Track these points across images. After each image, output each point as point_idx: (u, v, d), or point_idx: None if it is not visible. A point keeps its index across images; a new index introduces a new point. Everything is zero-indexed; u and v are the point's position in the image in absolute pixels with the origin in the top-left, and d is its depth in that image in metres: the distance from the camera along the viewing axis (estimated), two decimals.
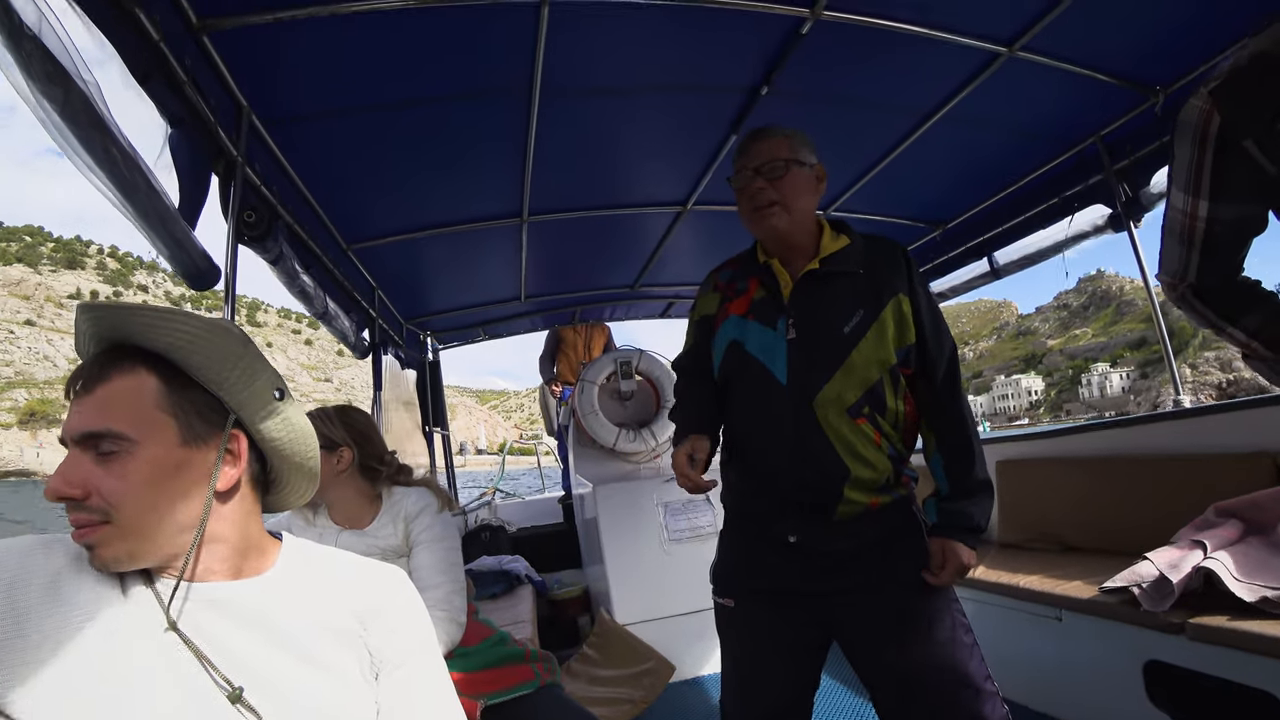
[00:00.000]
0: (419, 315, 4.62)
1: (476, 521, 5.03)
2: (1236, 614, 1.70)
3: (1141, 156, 2.89)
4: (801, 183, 1.42)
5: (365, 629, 0.85)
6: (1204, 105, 0.93)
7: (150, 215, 1.54)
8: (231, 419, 0.79)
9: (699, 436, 1.45)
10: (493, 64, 2.15)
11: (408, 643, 0.88)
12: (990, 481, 1.42)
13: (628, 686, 2.97)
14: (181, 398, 0.76)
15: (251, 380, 0.80)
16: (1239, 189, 0.95)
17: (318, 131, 2.31)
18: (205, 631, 0.74)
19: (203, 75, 1.77)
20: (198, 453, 0.76)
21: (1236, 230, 0.99)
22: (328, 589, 0.85)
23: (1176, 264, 1.05)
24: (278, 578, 0.83)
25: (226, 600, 0.77)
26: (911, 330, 1.39)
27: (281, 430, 0.84)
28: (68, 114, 1.26)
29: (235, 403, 0.79)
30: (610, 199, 3.31)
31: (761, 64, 2.31)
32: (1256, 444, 2.26)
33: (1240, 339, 1.05)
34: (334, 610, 0.84)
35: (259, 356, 0.81)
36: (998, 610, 2.52)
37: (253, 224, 2.02)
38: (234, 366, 0.78)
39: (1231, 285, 1.05)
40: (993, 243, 3.78)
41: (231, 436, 0.79)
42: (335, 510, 1.74)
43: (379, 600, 0.88)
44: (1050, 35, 2.25)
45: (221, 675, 0.72)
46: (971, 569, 1.36)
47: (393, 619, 0.87)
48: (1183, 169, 0.98)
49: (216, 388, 0.78)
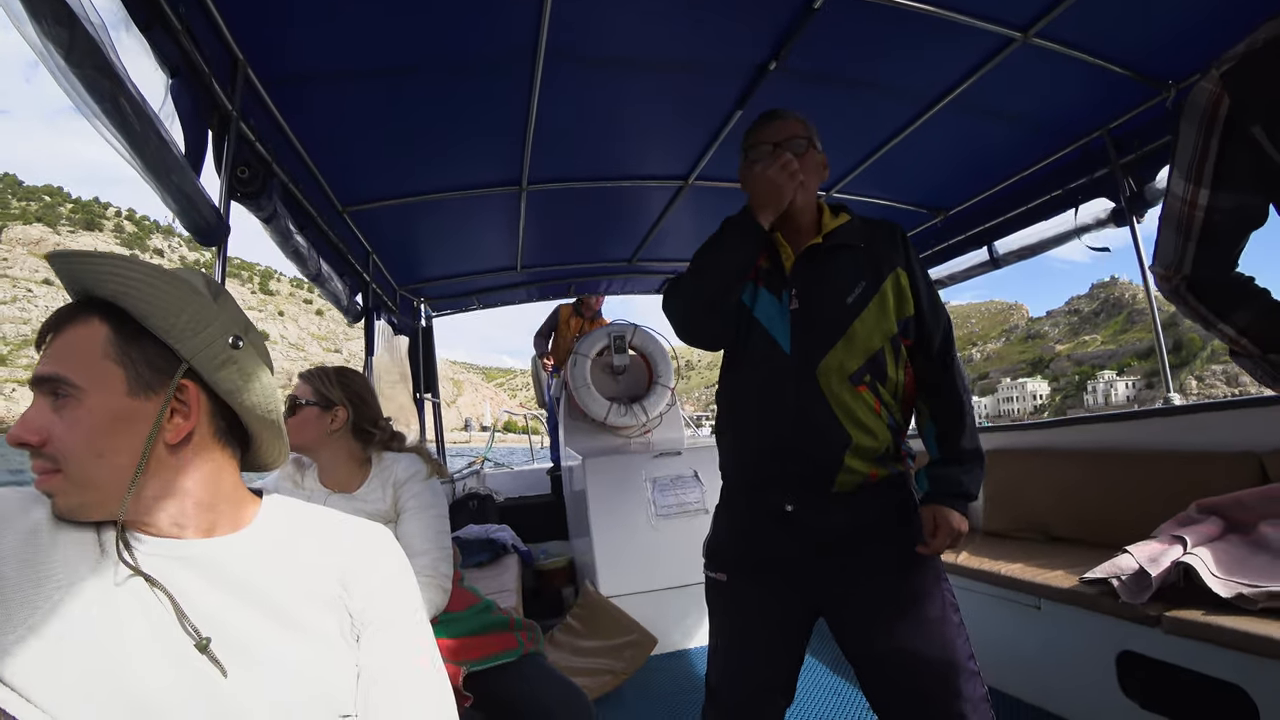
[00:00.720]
0: (413, 281, 4.59)
1: (464, 490, 5.05)
2: (1212, 609, 1.73)
3: (1149, 151, 2.87)
4: (815, 164, 1.48)
5: (346, 591, 0.83)
6: (1214, 88, 0.91)
7: (159, 167, 1.51)
8: (182, 368, 0.76)
9: None
10: (497, 29, 2.10)
11: (391, 606, 0.86)
12: (982, 451, 1.45)
13: (609, 658, 3.00)
14: (130, 346, 0.74)
15: (202, 327, 0.77)
16: (1242, 177, 0.93)
17: (316, 91, 2.27)
18: (176, 587, 0.73)
19: (198, 25, 1.72)
20: (148, 403, 0.74)
21: (1236, 221, 0.97)
22: (308, 548, 0.84)
23: (1172, 255, 1.04)
24: (254, 535, 0.81)
25: (197, 557, 0.76)
26: (910, 303, 1.43)
27: (237, 380, 0.80)
28: (74, 58, 1.22)
29: (186, 351, 0.76)
30: (611, 171, 3.27)
31: (771, 40, 2.27)
32: (1243, 444, 2.28)
33: (1230, 334, 1.04)
34: (313, 570, 0.82)
35: (210, 304, 0.78)
36: (979, 597, 2.55)
37: (246, 180, 1.98)
38: (180, 313, 0.75)
39: (1226, 280, 1.04)
40: (993, 232, 3.76)
41: (182, 387, 0.76)
42: (324, 472, 1.73)
43: (362, 561, 0.86)
44: (1066, 22, 2.21)
45: (190, 624, 0.72)
46: (962, 537, 1.37)
47: (376, 581, 0.85)
48: (1186, 154, 0.96)
49: (165, 335, 0.75)
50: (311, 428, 1.68)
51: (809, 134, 1.48)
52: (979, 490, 1.43)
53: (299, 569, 0.81)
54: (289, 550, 0.82)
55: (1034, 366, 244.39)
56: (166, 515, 0.76)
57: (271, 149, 2.22)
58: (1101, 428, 2.87)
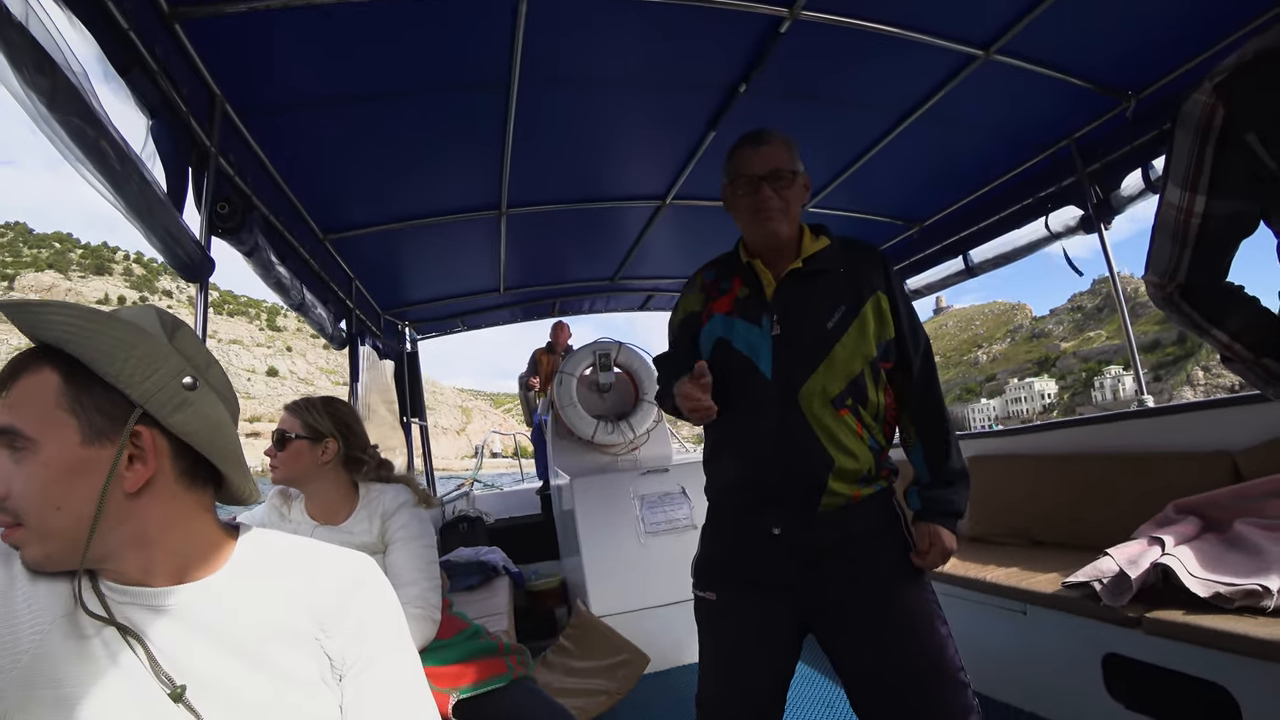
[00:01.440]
0: (397, 305, 4.59)
1: (454, 513, 5.03)
2: (1192, 609, 1.75)
3: (1113, 160, 2.94)
4: (799, 192, 1.48)
5: (324, 632, 0.80)
6: (1208, 99, 0.93)
7: (142, 208, 1.52)
8: (135, 414, 0.73)
9: None
10: (471, 56, 2.14)
11: (372, 644, 0.83)
12: (966, 469, 1.49)
13: (602, 678, 2.99)
14: (81, 394, 0.71)
15: (151, 370, 0.74)
16: (1237, 184, 0.95)
17: (293, 121, 2.29)
18: (149, 635, 0.72)
19: (175, 65, 1.74)
20: (103, 452, 0.71)
21: (1230, 228, 1.00)
22: (283, 589, 0.81)
23: (1167, 263, 1.06)
24: (227, 580, 0.79)
25: (170, 605, 0.74)
26: (890, 326, 1.45)
27: (194, 423, 0.76)
28: (57, 105, 1.24)
29: (138, 396, 0.73)
30: (590, 192, 3.31)
31: (740, 62, 2.32)
32: (1217, 444, 2.33)
33: (1223, 340, 1.06)
34: (289, 612, 0.79)
35: (160, 344, 0.76)
36: (966, 604, 2.57)
37: (226, 215, 1.99)
38: (126, 357, 0.72)
39: (1218, 287, 1.06)
40: (968, 241, 3.83)
41: (136, 433, 0.73)
42: (312, 503, 1.73)
43: (339, 599, 0.82)
44: (1026, 39, 2.28)
45: (164, 674, 0.71)
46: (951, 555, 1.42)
47: (354, 619, 0.82)
48: (1181, 162, 0.99)
49: (115, 380, 0.72)
50: (303, 461, 1.67)
51: (792, 160, 1.46)
52: (965, 508, 1.48)
53: (274, 612, 0.79)
54: (264, 593, 0.80)
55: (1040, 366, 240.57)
56: (134, 564, 0.74)
57: (250, 182, 2.23)
58: (1079, 431, 2.92)
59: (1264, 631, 1.56)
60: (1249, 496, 2.06)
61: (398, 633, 0.86)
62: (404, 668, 0.85)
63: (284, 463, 1.68)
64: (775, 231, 1.45)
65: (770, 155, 1.45)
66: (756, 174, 1.44)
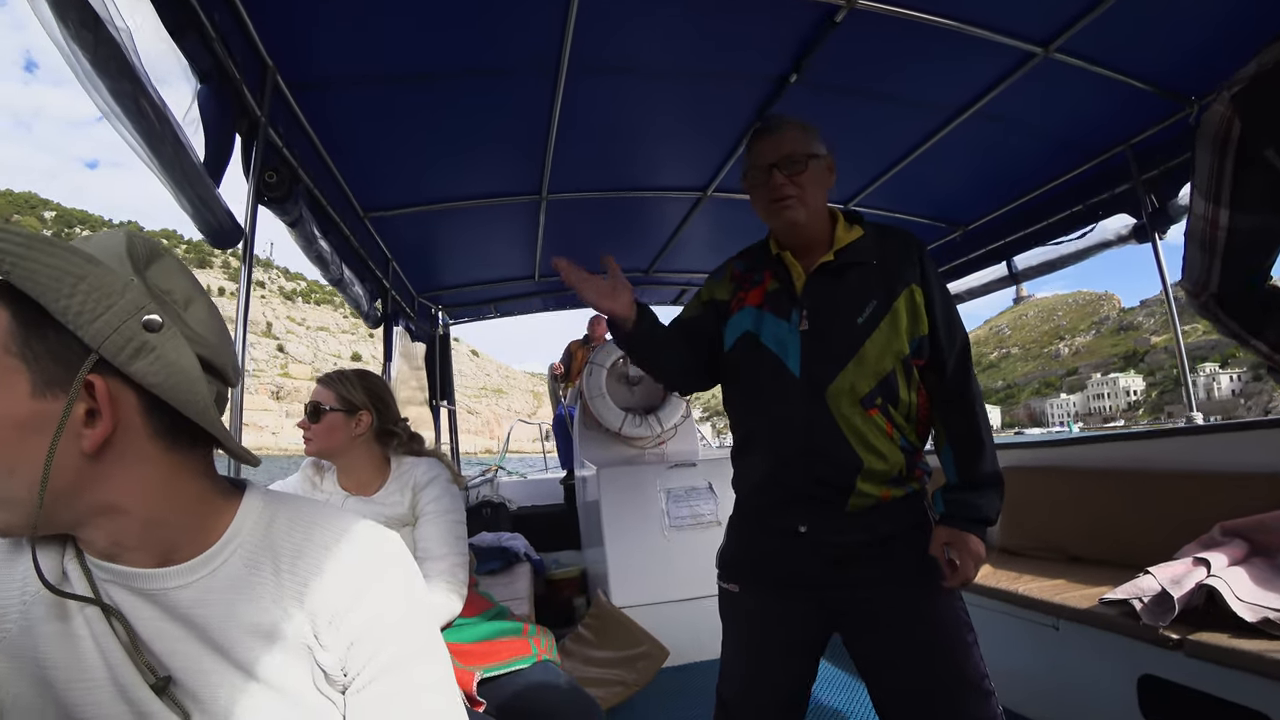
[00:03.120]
0: (431, 289, 4.63)
1: (478, 497, 5.07)
2: (1237, 633, 1.69)
3: (1171, 168, 2.85)
4: (818, 175, 1.42)
5: (318, 642, 0.70)
6: (1225, 110, 0.90)
7: (175, 170, 1.54)
8: (90, 360, 0.61)
9: (636, 309, 1.43)
10: (522, 38, 2.13)
11: (376, 660, 0.70)
12: (1000, 475, 1.40)
13: (621, 669, 2.99)
14: (32, 337, 0.60)
15: (103, 307, 0.61)
16: (1259, 199, 0.92)
17: (342, 97, 2.31)
18: (131, 620, 0.66)
19: (231, 33, 1.76)
20: (57, 404, 0.60)
21: (1258, 240, 0.96)
22: (275, 584, 0.70)
23: (1199, 273, 1.03)
24: (215, 565, 0.69)
25: (151, 591, 0.67)
26: (924, 321, 1.39)
27: (159, 372, 0.63)
28: (99, 61, 1.25)
29: (89, 337, 0.60)
30: (630, 181, 3.29)
31: (792, 52, 2.28)
32: (1267, 465, 2.24)
33: (1264, 351, 1.03)
34: (279, 613, 0.69)
35: (116, 276, 0.62)
36: (995, 616, 2.51)
37: (273, 185, 2.02)
38: (73, 291, 0.59)
39: (1255, 295, 1.02)
40: (1012, 247, 3.74)
41: (90, 383, 0.61)
42: (344, 475, 1.75)
43: (338, 608, 0.70)
44: (1087, 37, 2.21)
45: (145, 663, 0.65)
46: (982, 562, 1.34)
47: (355, 628, 0.70)
48: (1203, 176, 0.95)
49: (63, 319, 0.60)
50: (337, 433, 1.69)
51: (807, 143, 1.41)
52: (997, 515, 1.38)
53: (263, 610, 0.69)
54: (254, 586, 0.70)
55: (1127, 360, 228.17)
56: (105, 535, 0.65)
57: (297, 154, 2.25)
58: (1122, 446, 2.83)
59: None
60: None
61: (407, 650, 0.72)
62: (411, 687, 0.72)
63: (318, 435, 1.69)
64: (791, 220, 1.41)
65: (782, 141, 1.41)
66: (768, 161, 1.41)
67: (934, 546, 1.35)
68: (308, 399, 1.73)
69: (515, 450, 8.63)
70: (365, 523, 0.78)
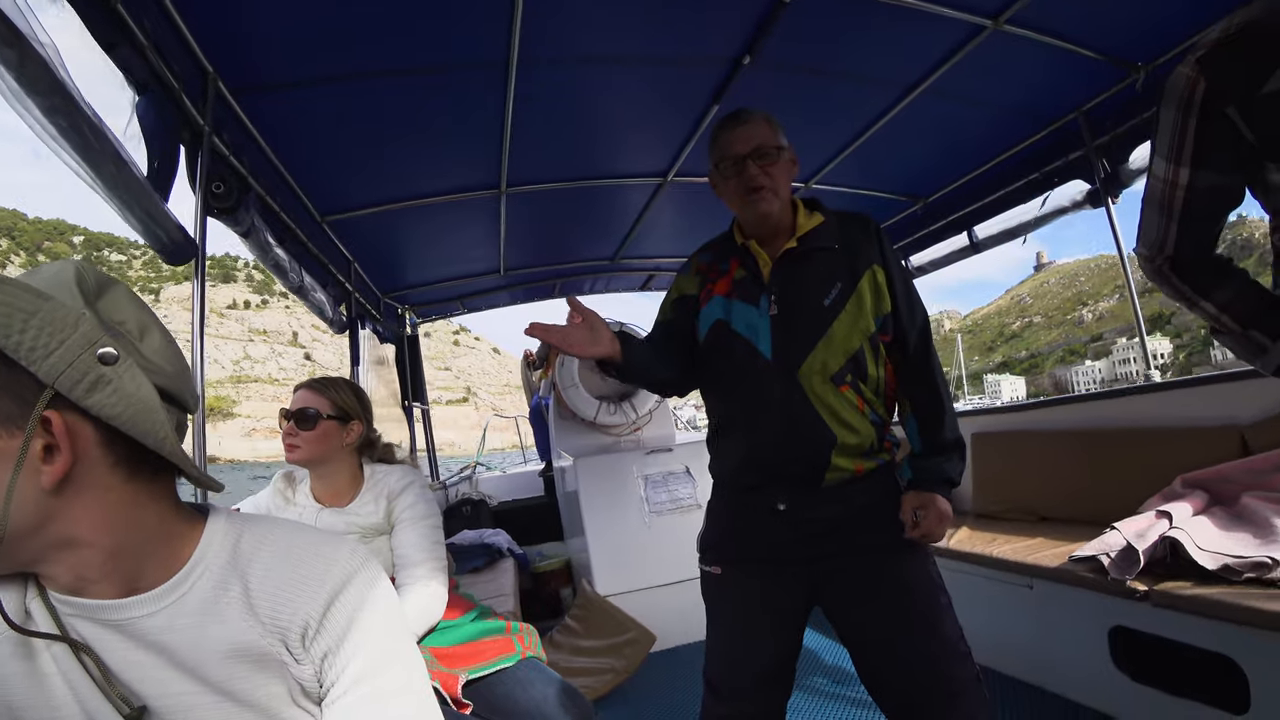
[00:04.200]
0: (397, 289, 4.56)
1: (457, 496, 5.03)
2: (1199, 581, 1.76)
3: (1121, 133, 2.90)
4: (786, 168, 1.46)
5: (293, 654, 0.71)
6: (1190, 72, 0.94)
7: (119, 188, 1.49)
8: (46, 396, 0.60)
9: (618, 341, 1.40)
10: (469, 32, 2.09)
11: (350, 665, 0.71)
12: (962, 441, 1.48)
13: (609, 656, 3.01)
14: None
15: (56, 342, 0.60)
16: (1219, 157, 0.96)
17: (290, 100, 2.24)
18: (100, 653, 0.66)
19: (166, 40, 1.70)
20: (13, 441, 0.60)
21: (1215, 200, 1.00)
22: (244, 604, 0.70)
23: (1155, 234, 1.07)
24: (182, 590, 0.69)
25: (118, 622, 0.66)
26: (887, 299, 1.44)
27: (116, 404, 0.62)
28: (25, 79, 1.20)
29: (44, 373, 0.60)
30: (590, 170, 3.27)
31: (744, 34, 2.27)
32: (1224, 418, 2.31)
33: (1211, 312, 1.07)
34: (251, 631, 0.70)
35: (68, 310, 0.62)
36: (972, 579, 2.57)
37: (221, 195, 1.96)
38: (24, 326, 0.58)
39: (1206, 259, 1.06)
40: (972, 217, 3.79)
41: (46, 419, 0.61)
42: (319, 485, 1.72)
43: (311, 618, 0.71)
44: (1036, 8, 2.24)
45: (118, 694, 0.65)
46: (948, 520, 1.40)
47: (327, 640, 0.71)
48: (1165, 136, 0.99)
49: (15, 355, 0.59)
50: (329, 442, 1.65)
51: (775, 135, 1.44)
52: (960, 477, 1.46)
53: (235, 631, 0.70)
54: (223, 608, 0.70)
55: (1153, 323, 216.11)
56: (66, 569, 0.65)
57: (246, 162, 2.19)
58: (1085, 406, 2.90)
59: (1273, 604, 1.55)
60: (1257, 470, 2.05)
61: (379, 653, 0.73)
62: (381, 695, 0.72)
63: (308, 442, 1.64)
64: (766, 212, 1.44)
65: (752, 132, 1.43)
66: (740, 153, 1.42)
67: (904, 511, 1.41)
68: None
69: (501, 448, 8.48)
70: (330, 536, 0.78)
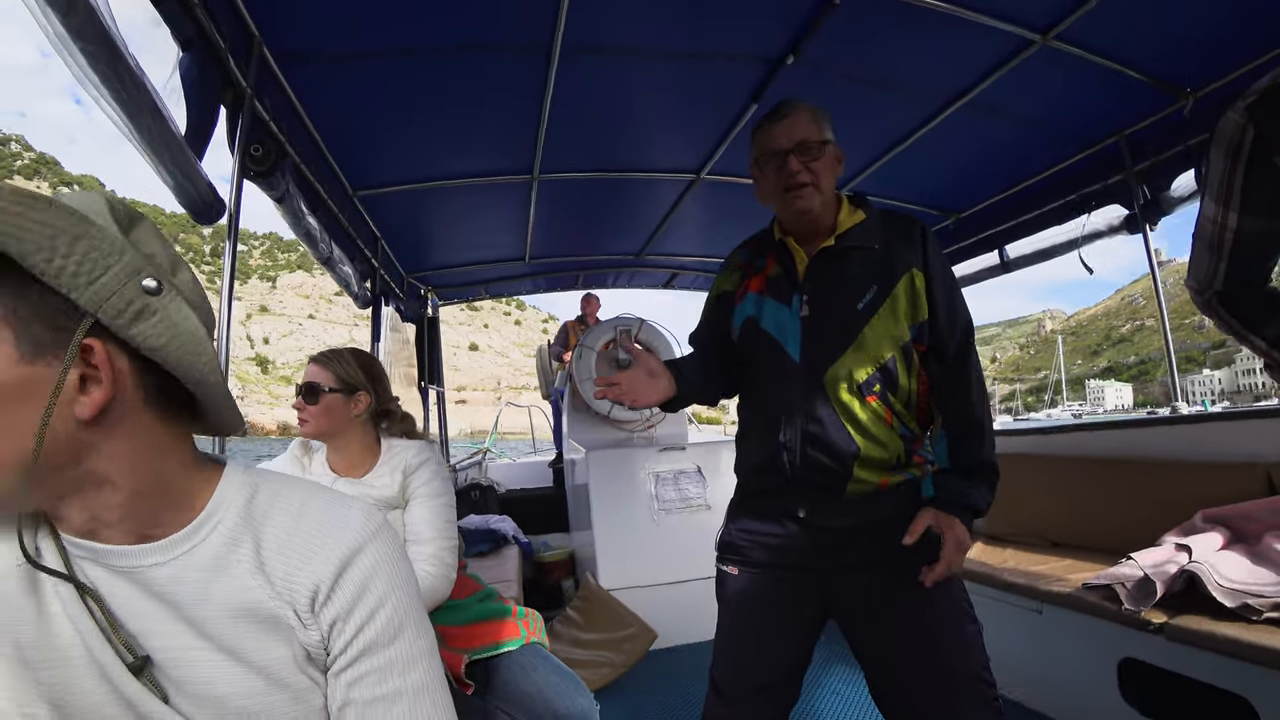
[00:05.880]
0: (421, 269, 4.58)
1: (467, 480, 5.06)
2: (1216, 618, 1.72)
3: (1164, 159, 2.85)
4: (830, 162, 1.40)
5: (300, 619, 0.69)
6: (1240, 119, 0.94)
7: (155, 141, 1.50)
8: (85, 323, 0.58)
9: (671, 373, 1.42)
10: (516, 15, 2.10)
11: (359, 635, 0.70)
12: (995, 466, 1.36)
13: (609, 650, 3.01)
14: (19, 299, 0.57)
15: (100, 269, 0.58)
16: (1268, 203, 0.96)
17: (331, 71, 2.26)
18: (107, 598, 0.65)
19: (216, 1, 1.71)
20: (49, 370, 0.58)
21: (1264, 243, 1.00)
22: (255, 563, 0.68)
23: (1204, 272, 1.07)
24: (194, 542, 0.67)
25: (128, 569, 0.65)
26: (924, 306, 1.36)
27: (162, 334, 0.61)
28: (72, 24, 1.21)
29: (86, 301, 0.58)
30: (623, 163, 3.27)
31: (789, 33, 2.26)
32: (1251, 454, 2.27)
33: (1262, 348, 1.07)
34: (259, 592, 0.68)
35: (113, 237, 0.60)
36: (979, 600, 2.51)
37: (259, 159, 1.98)
38: (69, 251, 0.57)
39: (1257, 295, 1.06)
40: (1005, 235, 3.75)
41: (87, 348, 0.59)
42: (335, 455, 1.72)
43: (322, 584, 0.69)
44: (1085, 26, 2.20)
45: (122, 642, 0.63)
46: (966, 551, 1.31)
47: (336, 608, 0.69)
48: (1215, 180, 1.00)
49: (55, 282, 0.57)
50: (336, 415, 1.66)
51: (820, 130, 1.38)
52: (987, 507, 1.34)
53: (243, 590, 0.68)
54: (233, 564, 0.68)
55: None
56: (82, 511, 0.63)
57: (284, 129, 2.21)
58: (1105, 435, 2.86)
59: None
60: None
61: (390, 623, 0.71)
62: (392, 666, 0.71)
63: (315, 416, 1.66)
64: (806, 209, 1.38)
65: (795, 126, 1.37)
66: (783, 147, 1.37)
67: (916, 524, 1.30)
68: None
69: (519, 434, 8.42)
70: (349, 499, 0.76)
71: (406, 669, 0.71)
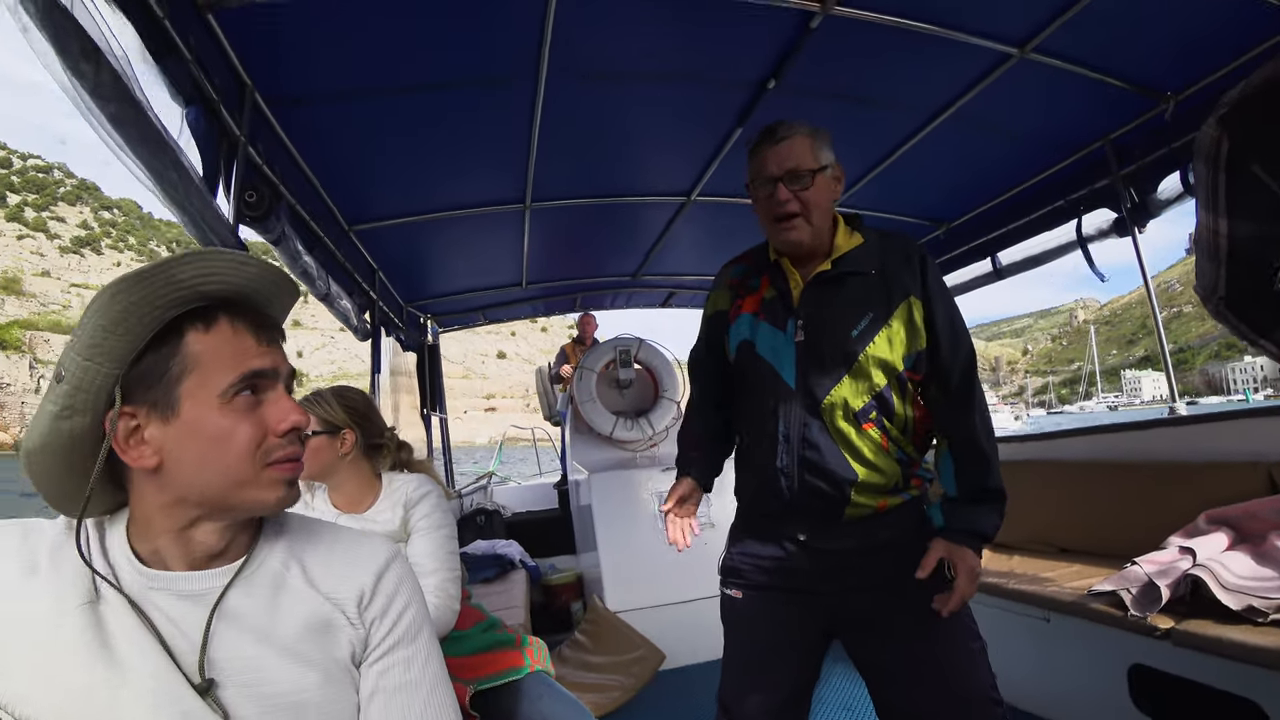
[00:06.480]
0: (420, 299, 4.62)
1: (472, 505, 5.05)
2: (1222, 621, 1.71)
3: (1149, 162, 2.87)
4: (825, 188, 1.38)
5: (348, 619, 0.80)
6: (1214, 132, 0.96)
7: (180, 195, 1.55)
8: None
9: (696, 487, 1.54)
10: (500, 47, 2.14)
11: (394, 631, 0.82)
12: (1002, 491, 1.35)
13: (618, 673, 2.99)
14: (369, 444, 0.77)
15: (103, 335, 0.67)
16: (1254, 210, 0.98)
17: (322, 112, 2.30)
18: (176, 624, 0.71)
19: (208, 54, 1.76)
20: None
21: (1259, 247, 1.01)
22: (308, 577, 0.80)
23: (1208, 279, 1.08)
24: (256, 564, 0.78)
25: (198, 593, 0.73)
26: (922, 336, 1.35)
27: None
28: (100, 92, 1.25)
29: None
30: (614, 187, 3.30)
31: (771, 58, 2.29)
32: (1252, 453, 2.27)
33: (1272, 351, 1.08)
34: (315, 598, 0.79)
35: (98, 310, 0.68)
36: (986, 610, 2.52)
37: (253, 204, 2.01)
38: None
39: (1263, 298, 1.06)
40: (996, 243, 3.77)
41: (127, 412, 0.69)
42: (335, 493, 1.74)
43: (365, 587, 0.82)
44: (1063, 37, 2.23)
45: (189, 666, 0.69)
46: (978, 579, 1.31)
47: (377, 606, 0.82)
48: (1201, 189, 1.02)
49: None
50: (322, 456, 1.68)
51: (815, 156, 1.36)
52: (995, 533, 1.33)
53: (302, 600, 0.78)
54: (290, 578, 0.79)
55: None
56: (219, 535, 0.75)
57: (278, 171, 2.25)
58: (1106, 438, 2.86)
59: None
60: None
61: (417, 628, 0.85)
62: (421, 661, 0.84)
63: (303, 460, 1.68)
64: (794, 241, 1.38)
65: (788, 153, 1.35)
66: (773, 175, 1.36)
67: (929, 558, 1.29)
68: None
69: None
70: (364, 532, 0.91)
71: (426, 663, 0.84)
